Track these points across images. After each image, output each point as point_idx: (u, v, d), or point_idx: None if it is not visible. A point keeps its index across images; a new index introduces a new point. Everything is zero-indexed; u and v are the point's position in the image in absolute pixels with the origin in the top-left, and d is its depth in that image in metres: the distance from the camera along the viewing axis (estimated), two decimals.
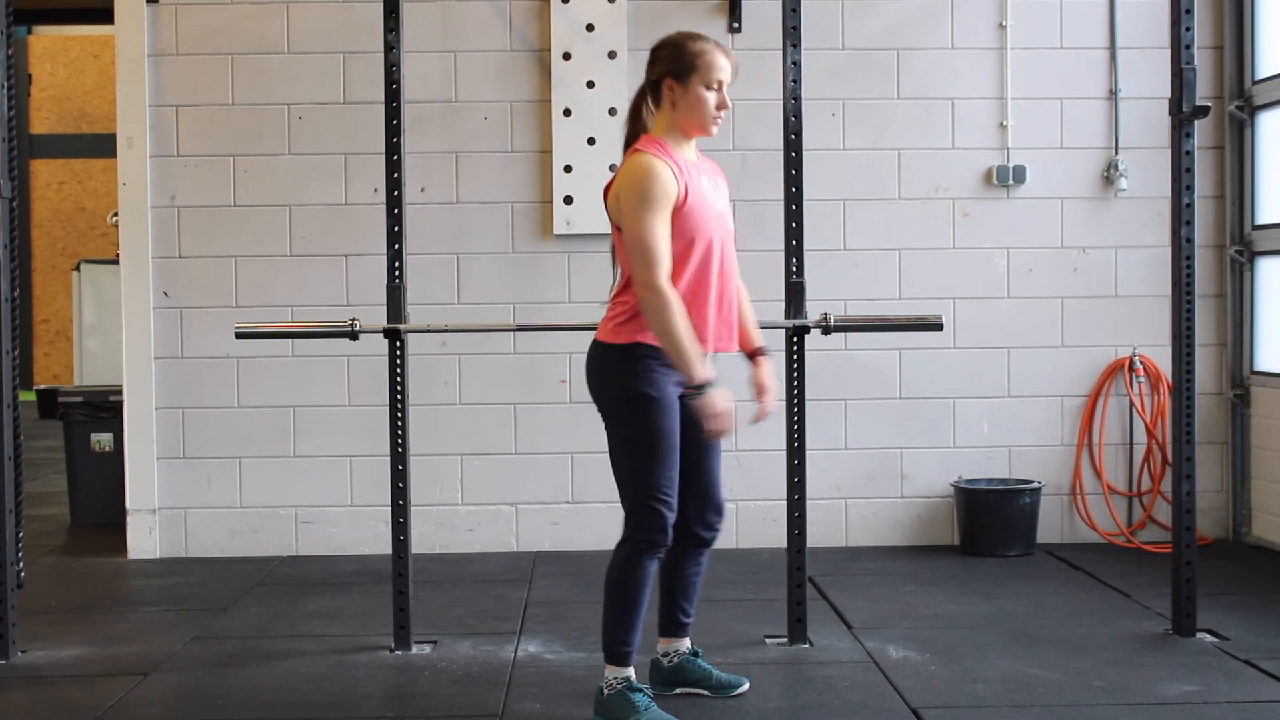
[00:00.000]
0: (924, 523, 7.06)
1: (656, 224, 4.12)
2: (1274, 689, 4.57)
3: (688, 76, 4.26)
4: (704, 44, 4.31)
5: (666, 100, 4.30)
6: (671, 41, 4.35)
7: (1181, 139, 5.17)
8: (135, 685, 4.79)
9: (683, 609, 4.58)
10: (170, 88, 6.92)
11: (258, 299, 6.91)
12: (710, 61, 4.28)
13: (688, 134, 4.34)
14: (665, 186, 4.15)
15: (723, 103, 4.32)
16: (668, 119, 4.32)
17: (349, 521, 6.98)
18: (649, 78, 4.37)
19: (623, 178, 4.21)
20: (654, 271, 4.10)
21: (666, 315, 4.09)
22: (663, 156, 4.20)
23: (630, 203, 4.15)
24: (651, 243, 4.11)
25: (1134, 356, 7.00)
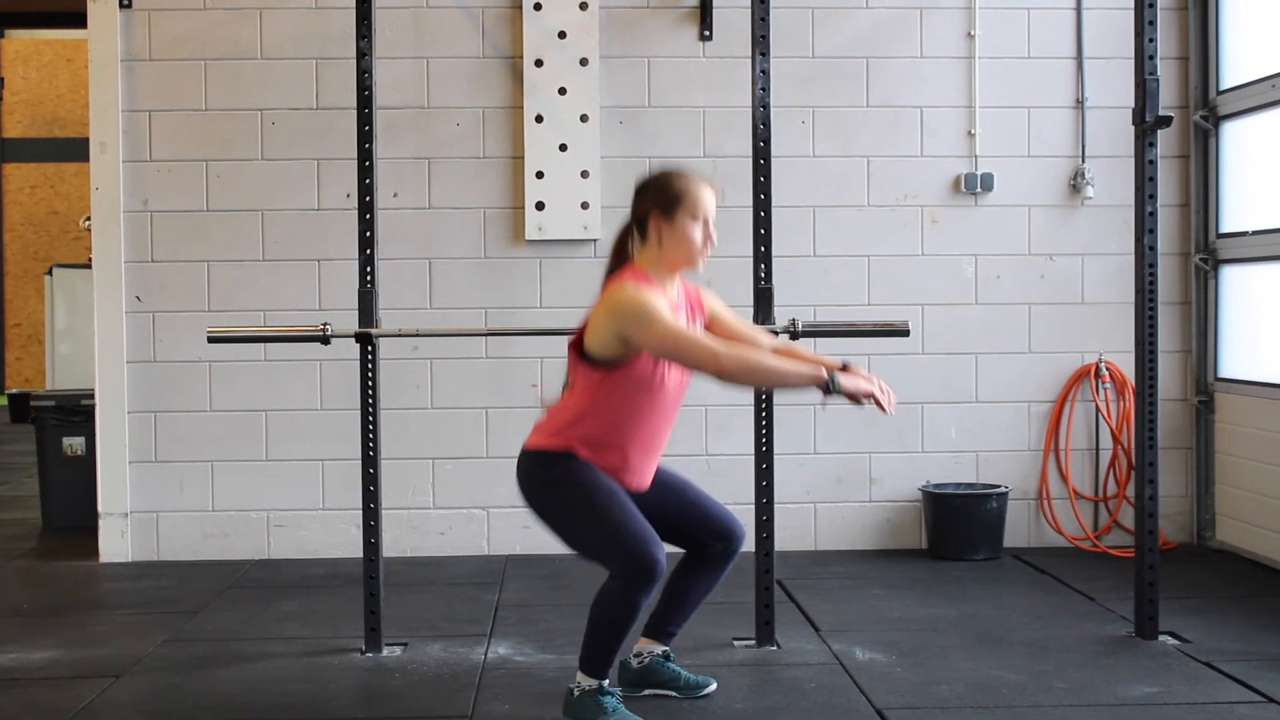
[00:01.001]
0: (892, 527, 7.11)
1: (671, 324, 4.12)
2: (1233, 690, 4.64)
3: (674, 211, 4.28)
4: (689, 180, 4.33)
5: (653, 235, 4.31)
6: (656, 178, 4.37)
7: (1145, 148, 5.23)
8: (107, 687, 4.81)
9: (674, 620, 4.63)
10: (143, 93, 6.93)
11: (230, 303, 6.93)
12: (696, 197, 4.30)
13: (674, 268, 4.36)
14: (659, 300, 4.17)
15: (709, 236, 4.34)
16: (654, 254, 4.33)
17: (321, 525, 7.00)
18: (634, 214, 4.37)
19: (617, 307, 4.18)
20: (709, 351, 4.08)
21: (753, 365, 4.10)
22: (648, 287, 4.23)
23: (639, 324, 4.12)
24: (683, 337, 4.11)
25: (1100, 363, 7.08)
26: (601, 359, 4.24)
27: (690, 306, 4.46)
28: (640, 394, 4.27)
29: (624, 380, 4.25)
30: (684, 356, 4.12)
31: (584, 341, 4.28)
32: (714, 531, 4.51)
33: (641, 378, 4.26)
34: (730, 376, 4.11)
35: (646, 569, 4.13)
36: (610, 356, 4.22)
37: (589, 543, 4.28)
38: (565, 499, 4.28)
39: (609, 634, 4.23)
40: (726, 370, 4.07)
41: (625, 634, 4.25)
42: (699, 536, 4.50)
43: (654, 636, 4.65)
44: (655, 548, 4.16)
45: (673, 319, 4.15)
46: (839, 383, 4.07)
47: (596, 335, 4.23)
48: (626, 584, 4.15)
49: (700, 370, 4.13)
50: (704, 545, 4.51)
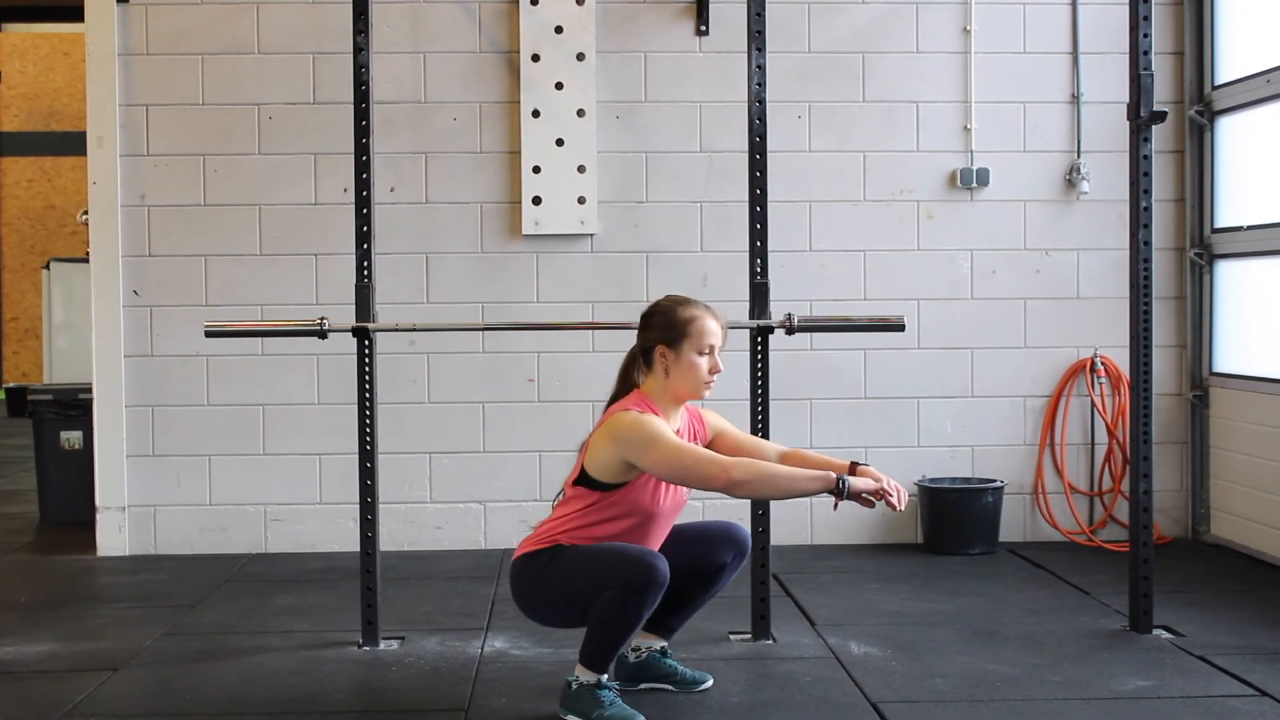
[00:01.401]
0: (888, 521, 7.13)
1: (676, 445, 4.16)
2: (1226, 684, 4.66)
3: (680, 343, 4.32)
4: (695, 310, 4.37)
5: (659, 366, 4.35)
6: (662, 309, 4.41)
7: (1139, 143, 5.25)
8: (104, 680, 4.82)
9: (677, 618, 4.64)
10: (140, 87, 6.94)
11: (227, 298, 6.94)
12: (702, 328, 4.34)
13: (679, 399, 4.40)
14: (662, 423, 4.22)
15: (715, 367, 4.37)
16: (660, 384, 4.37)
17: (318, 519, 7.01)
18: (641, 344, 4.41)
19: (620, 433, 4.22)
20: (718, 466, 4.13)
21: (764, 475, 4.15)
22: (651, 414, 4.27)
23: (643, 447, 4.16)
24: (690, 456, 4.16)
25: (1095, 357, 7.09)
26: (601, 483, 4.29)
27: (693, 433, 4.50)
28: (637, 515, 4.32)
29: (621, 502, 4.30)
30: (692, 475, 4.16)
31: (584, 466, 4.31)
32: (719, 547, 4.53)
33: (639, 501, 4.31)
34: (741, 488, 4.15)
35: (649, 577, 4.15)
36: (612, 481, 4.27)
37: (591, 584, 4.22)
38: (559, 571, 4.29)
39: (612, 635, 4.25)
40: (737, 481, 4.11)
41: (628, 637, 4.28)
42: (706, 559, 4.52)
43: (655, 631, 4.66)
44: (657, 559, 4.19)
45: (676, 439, 4.19)
46: (850, 486, 4.12)
47: (599, 460, 4.27)
48: (630, 592, 4.16)
49: (710, 486, 4.16)
50: (714, 564, 4.53)
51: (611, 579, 4.17)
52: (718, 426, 4.56)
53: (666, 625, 4.65)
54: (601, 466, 4.26)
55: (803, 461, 4.42)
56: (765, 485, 4.19)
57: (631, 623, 4.22)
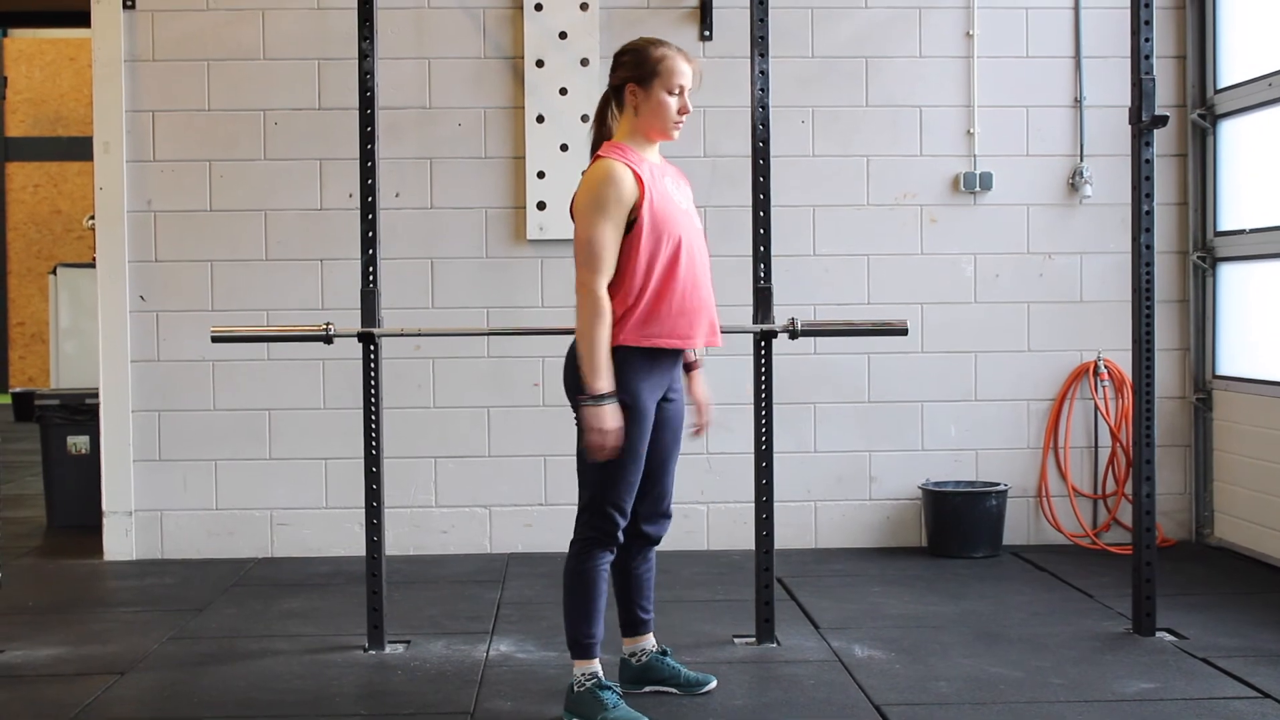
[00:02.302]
0: (892, 524, 7.15)
1: (607, 229, 4.22)
2: (1229, 686, 4.67)
3: (650, 81, 4.35)
4: (666, 49, 4.40)
5: (629, 105, 4.39)
6: (634, 47, 4.44)
7: (1141, 147, 5.27)
8: (112, 684, 4.84)
9: (640, 606, 4.66)
10: (146, 93, 6.97)
11: (233, 303, 6.97)
12: (672, 67, 4.36)
13: (650, 138, 4.44)
14: (621, 192, 4.24)
15: (684, 107, 4.40)
16: (630, 124, 4.41)
17: (324, 523, 7.03)
18: (612, 83, 4.46)
19: (583, 181, 4.32)
20: (595, 275, 4.23)
21: (595, 321, 4.22)
22: (624, 160, 4.29)
23: (585, 204, 4.26)
24: (598, 247, 4.22)
25: (1099, 361, 7.11)
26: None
27: (678, 177, 4.55)
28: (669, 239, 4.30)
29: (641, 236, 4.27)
30: (581, 258, 4.24)
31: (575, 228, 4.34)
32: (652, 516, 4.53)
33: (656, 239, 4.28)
34: (577, 315, 4.25)
35: (607, 535, 4.31)
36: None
37: (587, 468, 4.33)
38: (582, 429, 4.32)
39: (581, 598, 4.33)
40: (580, 308, 4.24)
41: (594, 607, 4.33)
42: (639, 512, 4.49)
43: (634, 632, 4.68)
44: (622, 519, 4.32)
45: (610, 228, 4.22)
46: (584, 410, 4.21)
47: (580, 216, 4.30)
48: (583, 546, 4.31)
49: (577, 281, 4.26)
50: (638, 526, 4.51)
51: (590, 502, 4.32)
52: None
53: (638, 618, 4.66)
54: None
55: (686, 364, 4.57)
56: (582, 342, 4.25)
57: (590, 582, 4.33)
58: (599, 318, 4.22)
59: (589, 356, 4.22)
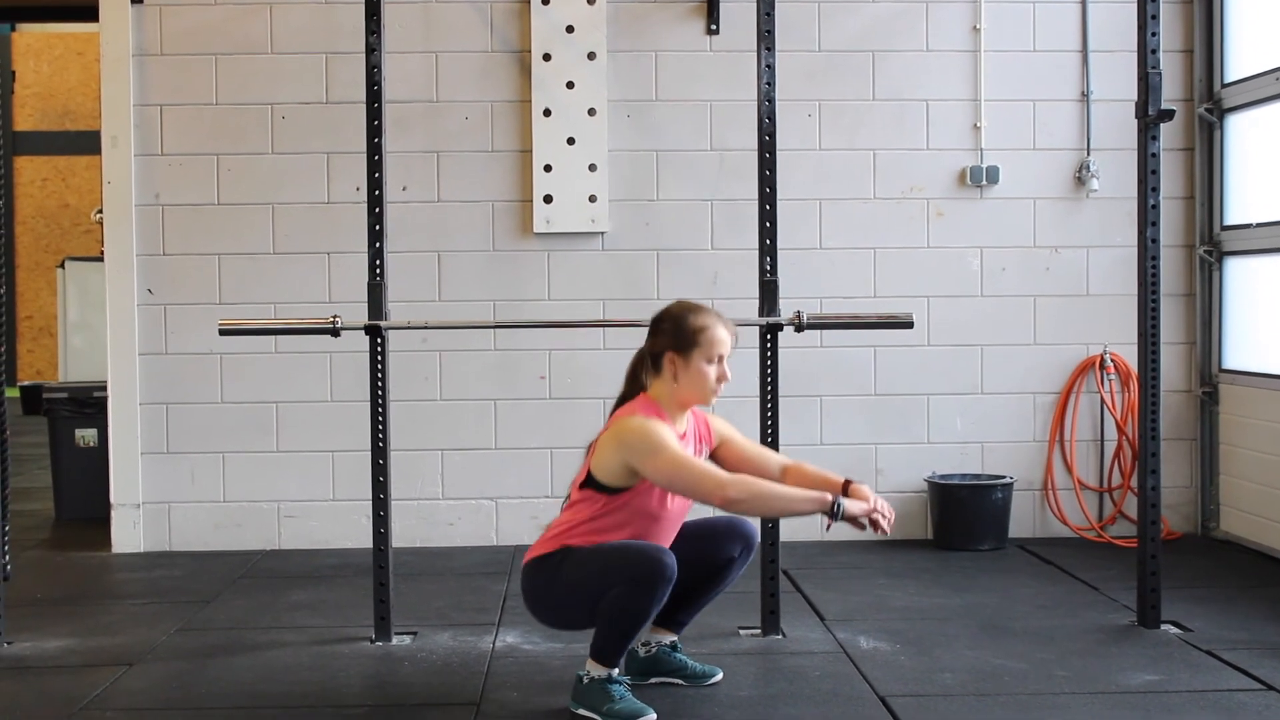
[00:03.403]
0: (898, 517, 7.07)
1: (679, 455, 4.19)
2: (1233, 678, 4.68)
3: (689, 351, 4.34)
4: (705, 318, 4.38)
5: (668, 372, 4.37)
6: (672, 315, 4.42)
7: (1148, 141, 5.27)
8: (120, 675, 4.86)
9: (687, 612, 4.67)
10: (154, 87, 6.99)
11: (241, 296, 6.98)
12: (712, 337, 4.35)
13: (685, 405, 4.43)
14: (668, 431, 4.25)
15: (722, 375, 4.39)
16: (668, 389, 4.39)
17: (331, 516, 7.05)
18: (650, 350, 4.43)
19: (625, 438, 4.26)
20: (715, 482, 4.18)
21: (760, 494, 4.19)
22: (658, 419, 4.30)
23: (646, 454, 4.20)
24: (689, 468, 4.19)
25: (1105, 354, 7.11)
26: (606, 486, 4.32)
27: (699, 437, 4.53)
28: (643, 518, 4.36)
29: (628, 505, 4.34)
30: (690, 489, 4.22)
31: (591, 469, 4.35)
32: (727, 541, 4.55)
33: (646, 504, 4.35)
34: (736, 506, 4.20)
35: (657, 572, 4.19)
36: (616, 485, 4.31)
37: (599, 582, 4.26)
38: (567, 573, 4.33)
39: (622, 630, 4.28)
40: (733, 500, 4.16)
41: (638, 631, 4.31)
42: (713, 553, 4.54)
43: (665, 626, 4.69)
44: (664, 554, 4.23)
45: (681, 449, 4.22)
46: (844, 510, 4.16)
47: (605, 463, 4.31)
48: (637, 587, 4.20)
49: (707, 501, 4.22)
50: (722, 558, 4.55)
51: (620, 575, 4.21)
52: (724, 434, 4.59)
53: (676, 620, 4.68)
54: (607, 470, 4.30)
55: (801, 477, 4.45)
56: (760, 505, 4.24)
57: (640, 618, 4.25)
58: (761, 491, 4.20)
59: (787, 507, 4.27)
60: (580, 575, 4.30)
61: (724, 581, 4.62)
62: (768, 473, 4.47)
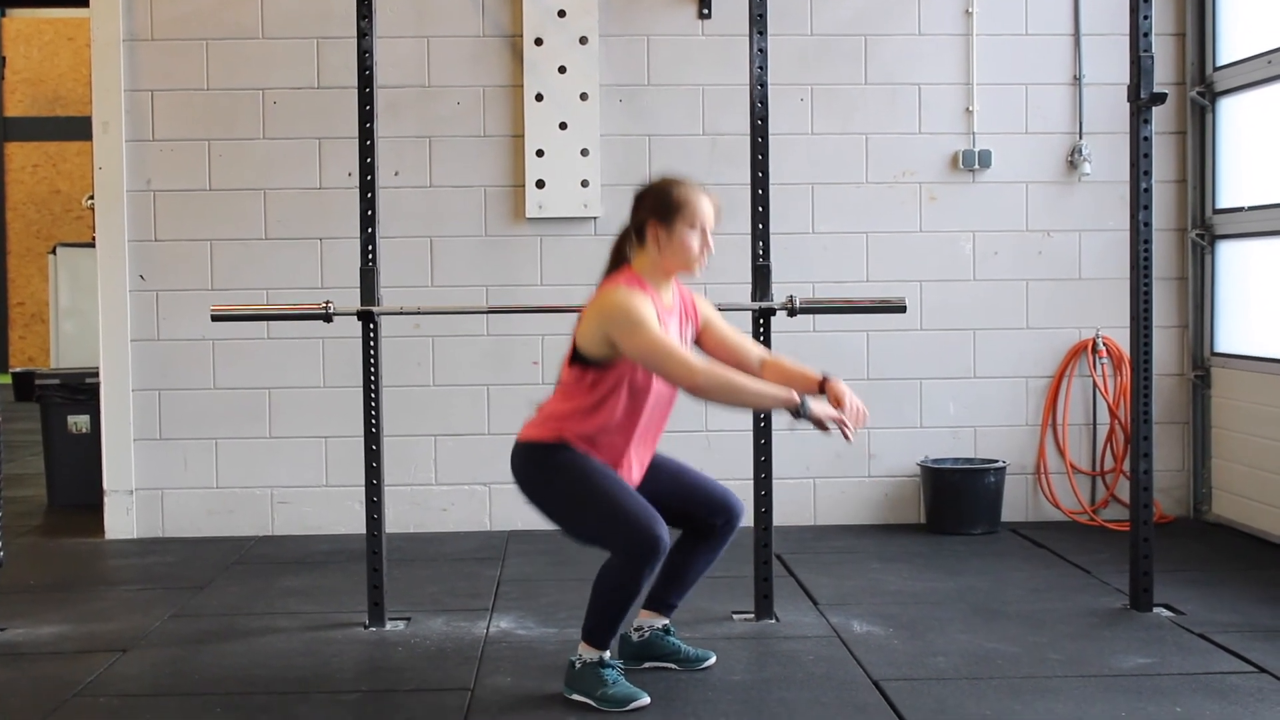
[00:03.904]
0: (891, 501, 7.16)
1: (656, 334, 4.19)
2: (1225, 661, 4.69)
3: (672, 219, 4.34)
4: (687, 189, 4.39)
5: (651, 241, 4.37)
6: (655, 187, 4.42)
7: (1140, 125, 5.27)
8: (114, 661, 4.87)
9: (675, 593, 4.67)
10: (145, 72, 6.97)
11: (233, 282, 6.97)
12: (695, 206, 4.35)
13: (669, 274, 4.43)
14: (648, 308, 4.24)
15: (706, 245, 4.39)
16: (651, 259, 4.38)
17: (324, 501, 7.05)
18: (633, 222, 4.43)
19: (606, 310, 4.25)
20: (686, 368, 4.17)
21: (727, 385, 4.20)
22: (640, 292, 4.29)
23: (624, 330, 4.20)
24: (663, 349, 4.18)
25: (1097, 338, 7.12)
26: (591, 359, 4.31)
27: (684, 312, 4.52)
28: (628, 395, 4.34)
29: (612, 380, 4.32)
30: (662, 369, 4.20)
31: (576, 341, 4.35)
32: (713, 509, 4.56)
33: (634, 377, 4.33)
34: (704, 394, 4.22)
35: (649, 546, 4.19)
36: (599, 357, 4.30)
37: (588, 527, 4.34)
38: (561, 486, 4.34)
39: (612, 608, 4.29)
40: (701, 387, 4.17)
41: (628, 608, 4.31)
42: (699, 515, 4.55)
43: (655, 609, 4.70)
44: (657, 525, 4.21)
45: (659, 329, 4.21)
46: (808, 409, 4.19)
47: (587, 334, 4.30)
48: (629, 561, 4.21)
49: (677, 384, 4.23)
50: (704, 523, 4.56)
51: (613, 536, 4.23)
52: (708, 317, 4.58)
53: (666, 602, 4.68)
54: (590, 340, 4.29)
55: (778, 372, 4.45)
56: (728, 395, 4.24)
57: (631, 595, 4.26)
58: (728, 379, 4.20)
59: (757, 401, 4.33)
60: (574, 502, 4.31)
61: (710, 554, 4.61)
62: (746, 363, 4.48)
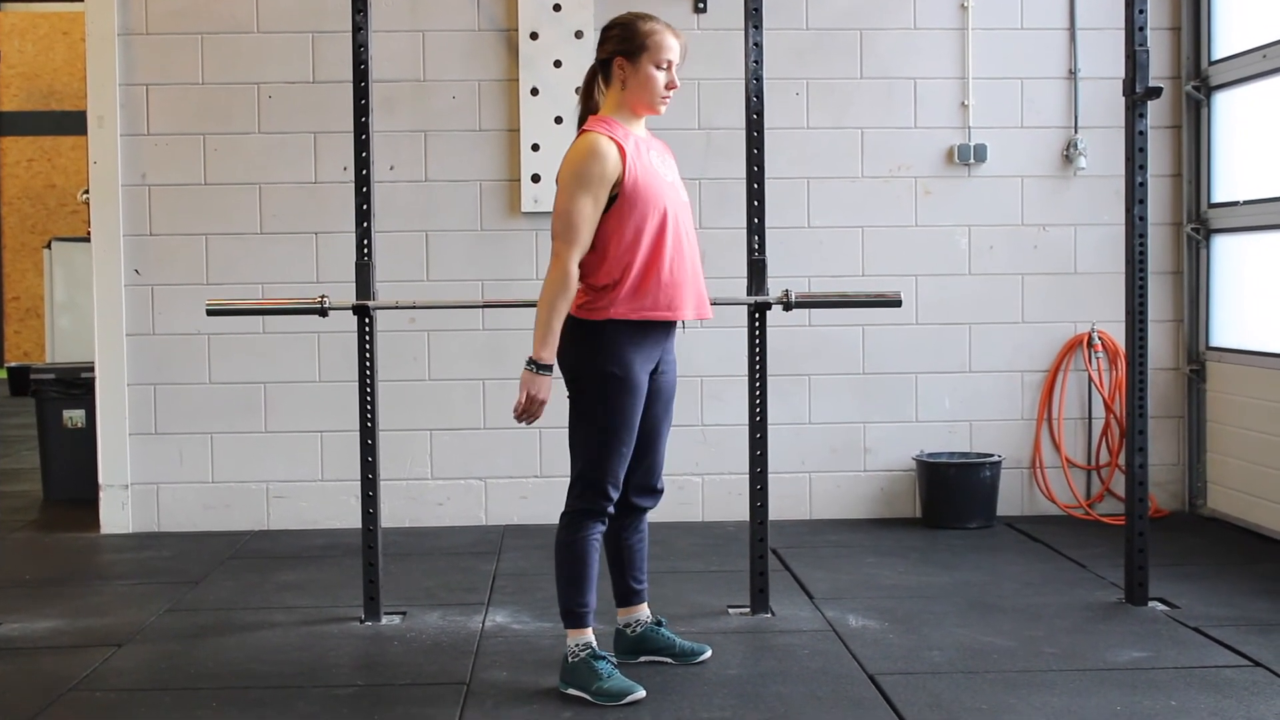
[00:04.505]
0: (886, 496, 7.17)
1: (586, 202, 4.23)
2: (1220, 654, 4.70)
3: (638, 56, 4.36)
4: (654, 24, 4.41)
5: (617, 79, 4.40)
6: (622, 21, 4.45)
7: (1135, 119, 5.27)
8: (110, 656, 4.87)
9: (634, 577, 4.68)
10: (140, 66, 6.96)
11: (228, 276, 6.97)
12: (660, 41, 4.37)
13: (636, 112, 4.45)
14: (605, 167, 4.25)
15: (671, 82, 4.42)
16: (617, 97, 4.42)
17: (319, 496, 7.05)
18: (599, 56, 4.46)
19: (568, 154, 4.34)
20: (569, 248, 4.23)
21: (559, 293, 4.24)
22: (609, 134, 4.30)
23: (567, 177, 4.27)
24: (576, 219, 4.23)
25: (1092, 332, 7.12)
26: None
27: (664, 152, 4.55)
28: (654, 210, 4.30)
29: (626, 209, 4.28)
30: (557, 229, 4.25)
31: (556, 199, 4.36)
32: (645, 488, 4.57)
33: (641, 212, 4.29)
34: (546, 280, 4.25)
35: (598, 507, 4.34)
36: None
37: (580, 438, 4.38)
38: (591, 392, 4.36)
39: (572, 568, 4.37)
40: (550, 279, 4.24)
41: (585, 577, 4.36)
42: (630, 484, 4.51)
43: (628, 602, 4.70)
44: (614, 491, 4.34)
45: (590, 203, 4.23)
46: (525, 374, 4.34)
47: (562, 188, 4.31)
48: (574, 517, 4.35)
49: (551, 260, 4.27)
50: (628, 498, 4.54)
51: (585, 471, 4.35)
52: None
53: (632, 588, 4.68)
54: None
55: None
56: (542, 305, 4.27)
57: (580, 554, 4.36)
58: (564, 290, 4.24)
59: (544, 324, 4.26)
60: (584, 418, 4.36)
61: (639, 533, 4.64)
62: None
